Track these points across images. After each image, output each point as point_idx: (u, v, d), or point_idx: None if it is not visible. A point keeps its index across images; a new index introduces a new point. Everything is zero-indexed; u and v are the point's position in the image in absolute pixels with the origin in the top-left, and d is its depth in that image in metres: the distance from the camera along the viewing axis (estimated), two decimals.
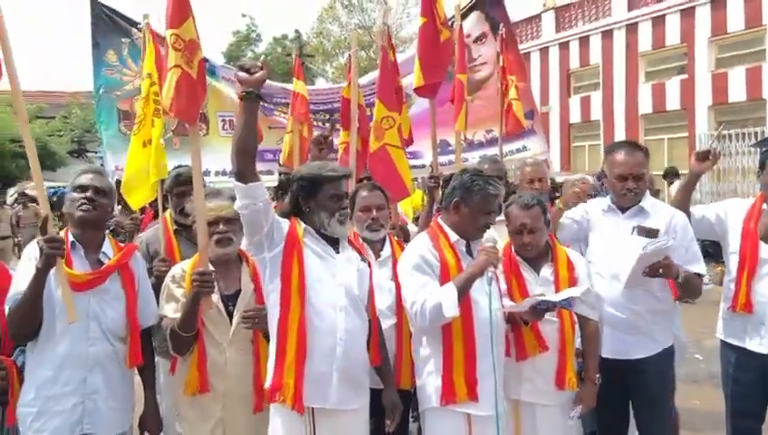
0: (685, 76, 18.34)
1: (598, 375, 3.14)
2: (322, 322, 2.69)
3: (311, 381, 2.64)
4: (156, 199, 4.00)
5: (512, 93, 5.69)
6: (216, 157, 6.03)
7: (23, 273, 2.67)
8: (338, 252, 2.83)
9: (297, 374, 2.62)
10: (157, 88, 4.06)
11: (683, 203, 3.52)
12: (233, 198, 2.95)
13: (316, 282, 2.71)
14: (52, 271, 2.60)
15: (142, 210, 5.53)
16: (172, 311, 2.89)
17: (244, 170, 2.58)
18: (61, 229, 2.89)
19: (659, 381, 3.30)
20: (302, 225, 2.80)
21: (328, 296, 2.72)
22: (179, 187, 3.75)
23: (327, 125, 6.73)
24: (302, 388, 2.62)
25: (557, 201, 3.55)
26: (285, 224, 2.77)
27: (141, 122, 4.01)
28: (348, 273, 2.79)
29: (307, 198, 2.80)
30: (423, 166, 6.38)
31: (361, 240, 3.35)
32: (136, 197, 4.14)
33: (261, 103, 2.79)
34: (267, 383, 2.71)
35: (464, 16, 5.81)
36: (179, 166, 3.98)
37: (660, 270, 3.08)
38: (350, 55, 4.82)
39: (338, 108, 6.75)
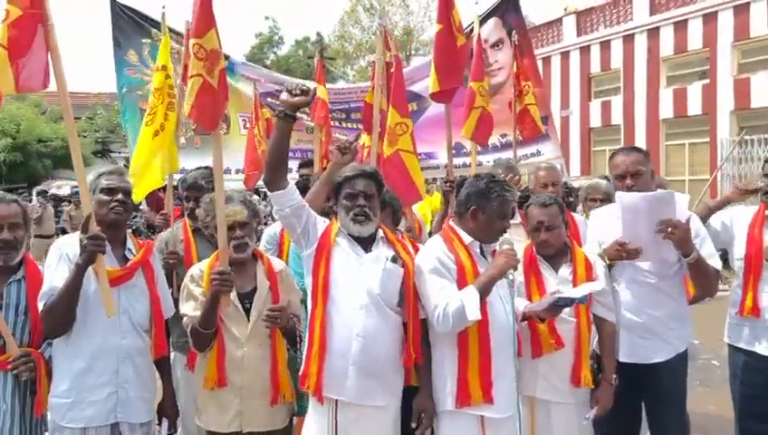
0: (707, 81, 18.16)
1: (614, 377, 3.18)
2: (341, 319, 2.82)
3: (329, 373, 2.79)
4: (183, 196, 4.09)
5: (528, 98, 5.73)
6: (237, 155, 6.16)
7: (55, 269, 2.78)
8: (369, 251, 2.91)
9: (318, 366, 2.79)
10: (171, 81, 4.15)
11: (703, 220, 3.56)
12: (244, 202, 3.09)
13: (340, 280, 2.84)
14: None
15: (157, 205, 5.63)
16: (192, 309, 3.00)
17: (271, 181, 2.86)
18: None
19: (674, 382, 3.34)
20: (338, 225, 2.93)
21: (349, 295, 2.83)
22: (186, 191, 3.90)
23: (345, 125, 6.85)
24: (322, 379, 2.78)
25: (600, 251, 3.41)
26: (323, 224, 2.93)
27: (154, 114, 4.09)
28: (372, 272, 2.85)
29: (335, 199, 3.00)
30: (438, 167, 6.45)
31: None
32: (140, 187, 4.19)
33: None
34: (301, 371, 2.89)
35: (482, 22, 5.87)
36: (200, 167, 4.09)
37: (670, 230, 3.04)
38: (374, 61, 4.89)
39: (354, 107, 6.87)
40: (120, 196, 2.91)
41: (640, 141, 18.28)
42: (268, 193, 2.87)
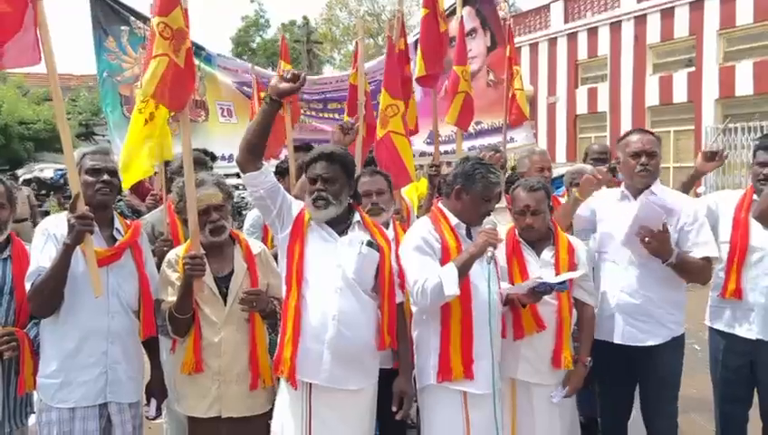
0: (692, 69, 18.27)
1: (589, 359, 3.22)
2: (316, 302, 2.79)
3: (303, 357, 2.77)
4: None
5: (516, 83, 5.73)
6: (218, 142, 6.14)
7: (42, 250, 2.74)
8: (344, 234, 2.89)
9: (292, 350, 2.76)
10: None
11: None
12: (218, 185, 3.05)
13: (314, 264, 2.81)
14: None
15: (140, 192, 5.62)
16: (169, 294, 2.96)
17: (245, 162, 2.78)
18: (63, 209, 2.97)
19: (670, 365, 3.36)
20: None
21: (324, 278, 2.81)
22: (172, 175, 3.87)
23: (322, 115, 6.86)
24: (295, 363, 2.75)
25: (573, 190, 3.56)
26: (297, 207, 2.88)
27: (147, 102, 4.04)
28: (346, 256, 2.84)
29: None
30: (414, 154, 6.44)
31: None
32: (129, 175, 4.12)
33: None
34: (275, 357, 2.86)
35: (455, 11, 5.88)
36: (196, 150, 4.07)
37: (647, 239, 3.08)
38: (356, 42, 4.88)
39: (330, 98, 6.86)
40: (105, 176, 2.86)
41: (626, 128, 18.17)
42: (241, 175, 2.81)
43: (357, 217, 2.97)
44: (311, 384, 2.79)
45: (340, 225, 2.91)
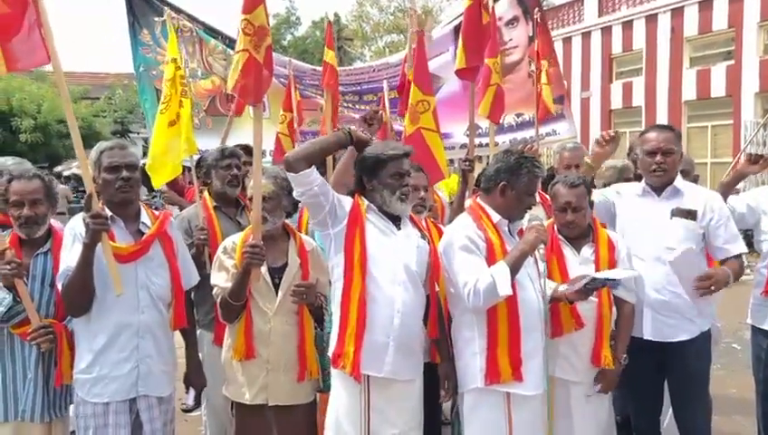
0: (731, 62, 17.83)
1: (625, 356, 3.18)
2: (382, 294, 2.81)
3: (369, 350, 2.78)
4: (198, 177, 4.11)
5: (543, 78, 5.66)
6: (251, 137, 6.16)
7: (70, 250, 2.80)
8: (399, 229, 2.93)
9: (357, 343, 2.77)
10: (182, 72, 4.18)
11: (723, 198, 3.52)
12: (274, 178, 3.12)
13: (377, 256, 2.83)
14: (99, 245, 2.72)
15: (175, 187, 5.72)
16: (223, 280, 3.04)
17: (298, 165, 2.78)
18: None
19: (698, 361, 3.34)
20: (365, 202, 2.92)
21: (388, 271, 2.83)
22: (225, 159, 3.87)
23: (358, 107, 6.84)
24: (360, 356, 2.76)
25: (585, 158, 3.60)
26: (348, 201, 2.90)
27: (168, 103, 4.11)
28: (407, 249, 2.89)
29: (370, 176, 2.93)
30: (453, 147, 6.40)
31: None
32: (159, 176, 4.21)
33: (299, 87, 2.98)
34: (330, 351, 2.87)
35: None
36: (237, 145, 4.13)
37: (712, 287, 3.13)
38: (410, 35, 4.87)
39: (366, 89, 6.84)
40: (124, 173, 2.87)
41: (662, 123, 18.01)
42: (290, 176, 2.81)
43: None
44: (368, 377, 2.80)
45: (394, 219, 2.94)
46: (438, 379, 3.04)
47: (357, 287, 2.79)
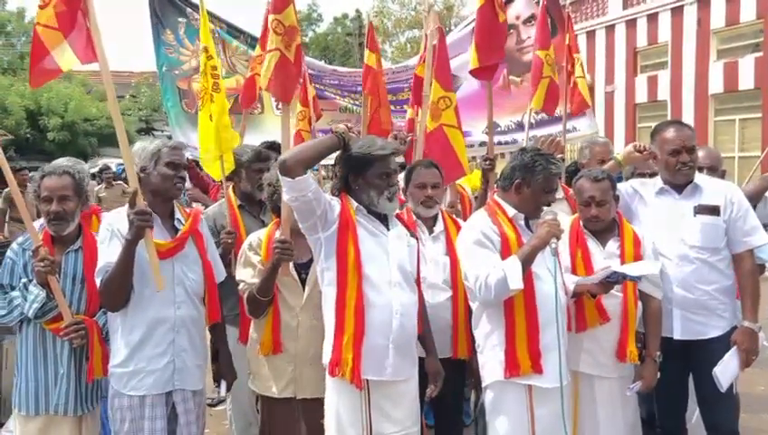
0: (760, 54, 17.49)
1: (658, 353, 3.16)
2: (379, 297, 2.77)
3: (368, 355, 2.73)
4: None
5: (578, 71, 5.60)
6: (273, 135, 6.21)
7: (108, 246, 2.84)
8: (388, 229, 2.91)
9: (356, 350, 2.70)
10: (214, 62, 4.17)
11: (755, 200, 3.49)
12: None
13: (370, 259, 2.79)
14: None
15: (198, 181, 5.78)
16: (249, 276, 3.08)
17: (295, 170, 2.65)
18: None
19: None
20: (354, 203, 2.86)
21: (382, 273, 2.80)
22: (258, 163, 3.90)
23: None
24: (360, 363, 2.70)
25: (616, 154, 3.59)
26: (337, 203, 2.85)
27: (204, 97, 4.15)
28: (399, 249, 2.88)
29: (356, 175, 2.87)
30: (472, 145, 6.38)
31: (414, 216, 3.44)
32: (213, 170, 4.25)
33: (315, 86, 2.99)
34: (325, 359, 2.79)
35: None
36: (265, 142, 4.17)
37: (752, 358, 3.22)
38: (425, 34, 4.85)
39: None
40: (182, 172, 3.03)
41: (688, 117, 17.77)
42: (284, 180, 2.68)
43: None
44: (368, 380, 2.75)
45: (382, 218, 2.92)
46: (426, 375, 3.04)
47: (352, 292, 2.73)
